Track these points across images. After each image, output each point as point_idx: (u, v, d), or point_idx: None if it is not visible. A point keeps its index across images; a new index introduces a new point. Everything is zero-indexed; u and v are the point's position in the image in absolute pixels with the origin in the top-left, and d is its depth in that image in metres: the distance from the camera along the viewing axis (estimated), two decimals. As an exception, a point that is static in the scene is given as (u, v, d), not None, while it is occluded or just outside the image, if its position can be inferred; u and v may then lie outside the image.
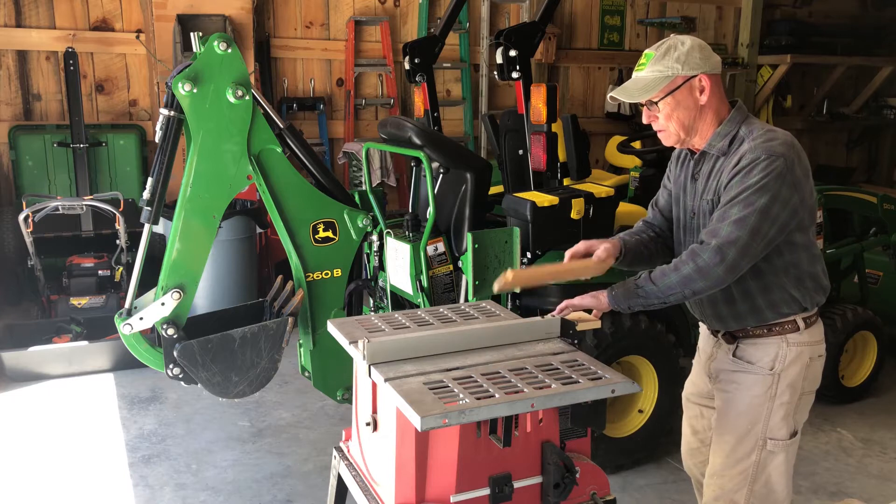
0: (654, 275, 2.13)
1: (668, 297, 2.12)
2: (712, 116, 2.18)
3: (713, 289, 2.10)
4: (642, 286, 2.14)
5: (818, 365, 2.29)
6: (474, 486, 1.87)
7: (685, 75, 2.12)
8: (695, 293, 2.11)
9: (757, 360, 2.23)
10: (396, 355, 2.00)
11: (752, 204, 2.03)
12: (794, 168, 2.06)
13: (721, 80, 2.21)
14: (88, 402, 4.23)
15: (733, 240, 2.03)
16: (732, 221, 2.04)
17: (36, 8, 5.88)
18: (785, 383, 2.21)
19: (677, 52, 2.13)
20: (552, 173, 3.66)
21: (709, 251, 2.05)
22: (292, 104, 6.55)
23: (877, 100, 9.37)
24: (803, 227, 2.16)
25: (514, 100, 4.63)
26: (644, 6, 8.15)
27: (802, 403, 2.27)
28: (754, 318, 2.22)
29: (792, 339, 2.21)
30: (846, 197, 4.42)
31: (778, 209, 2.04)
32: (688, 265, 2.08)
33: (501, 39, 3.65)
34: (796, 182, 2.07)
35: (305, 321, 2.97)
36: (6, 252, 5.51)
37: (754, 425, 2.23)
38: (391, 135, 3.43)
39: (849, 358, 4.35)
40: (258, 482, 3.44)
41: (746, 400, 2.25)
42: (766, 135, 2.10)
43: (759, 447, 2.24)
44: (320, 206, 2.95)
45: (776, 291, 2.19)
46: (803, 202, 2.11)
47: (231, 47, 2.58)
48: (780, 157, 2.04)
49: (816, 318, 2.27)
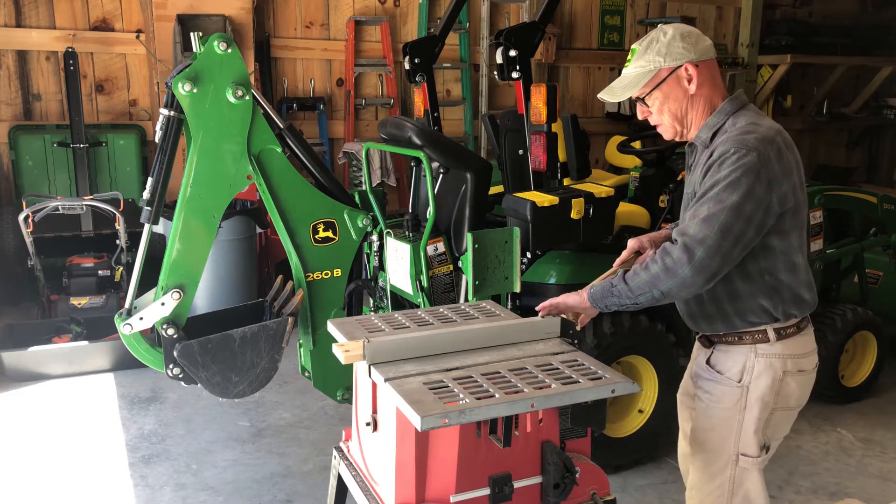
0: (628, 274, 2.03)
1: (637, 298, 2.00)
2: (704, 106, 2.09)
3: (684, 290, 1.97)
4: (616, 285, 2.03)
5: (797, 381, 2.13)
6: (474, 486, 1.87)
7: (669, 67, 2.05)
8: (664, 294, 1.98)
9: (726, 371, 2.14)
10: (396, 355, 2.00)
11: (721, 201, 1.90)
12: (769, 164, 1.93)
13: (715, 66, 2.10)
14: (88, 402, 4.23)
15: (700, 238, 1.90)
16: (701, 219, 1.92)
17: (36, 8, 5.88)
18: (754, 396, 2.10)
19: (658, 44, 2.06)
20: (552, 173, 3.66)
21: (676, 250, 1.93)
22: (292, 104, 6.55)
23: (877, 100, 9.38)
24: (782, 231, 2.02)
25: (514, 100, 4.63)
26: (644, 6, 8.15)
27: (776, 419, 2.15)
28: (724, 323, 2.13)
29: (761, 349, 2.10)
30: (846, 197, 4.41)
31: (752, 207, 1.91)
32: (656, 264, 1.96)
33: (501, 39, 3.65)
34: (772, 179, 1.94)
35: (305, 321, 2.97)
36: (6, 252, 5.50)
37: (726, 440, 2.15)
38: (391, 135, 3.43)
39: (849, 358, 4.35)
40: (258, 482, 3.44)
41: (717, 413, 2.16)
42: (746, 127, 1.99)
43: (732, 462, 2.15)
44: (320, 206, 2.95)
45: (745, 300, 2.07)
46: (782, 202, 1.97)
47: (231, 47, 2.58)
48: (753, 151, 1.92)
49: (796, 331, 2.12)
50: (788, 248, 2.04)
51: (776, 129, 2.02)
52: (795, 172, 2.02)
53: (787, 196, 1.98)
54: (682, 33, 2.07)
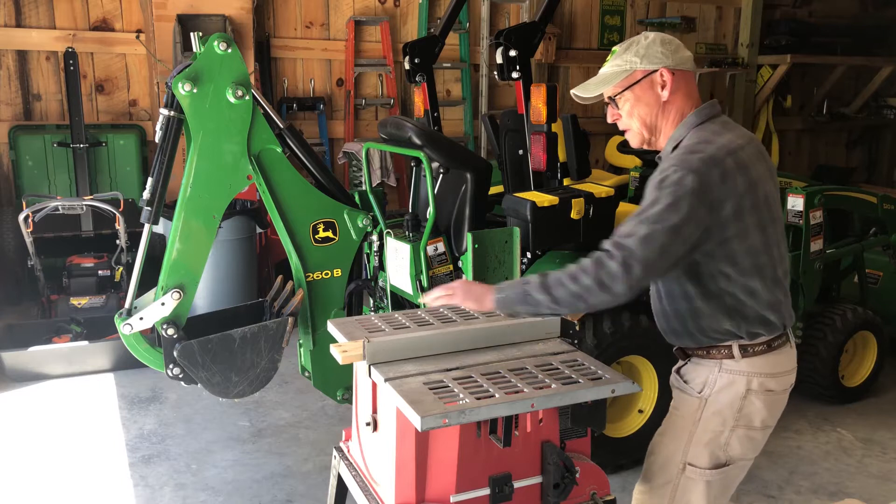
0: (549, 281, 1.92)
1: (559, 309, 1.92)
2: (675, 115, 2.03)
3: (610, 304, 1.90)
4: (532, 294, 1.93)
5: (762, 400, 2.05)
6: (474, 486, 1.87)
7: (645, 69, 2.00)
8: (589, 308, 1.92)
9: (691, 381, 2.11)
10: (396, 355, 2.00)
11: (659, 221, 1.84)
12: (710, 187, 1.85)
13: (692, 78, 2.04)
14: (88, 402, 4.23)
15: (640, 257, 1.84)
16: (641, 237, 1.85)
17: (36, 8, 5.88)
18: (711, 410, 2.05)
19: (638, 45, 2.03)
20: (552, 173, 3.66)
21: (614, 265, 1.85)
22: (292, 104, 6.55)
23: (877, 100, 9.38)
24: (731, 257, 1.93)
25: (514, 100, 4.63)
26: (644, 6, 8.15)
27: (737, 437, 2.07)
28: (690, 339, 2.08)
29: (726, 365, 2.04)
30: (846, 197, 4.42)
31: (690, 230, 1.85)
32: (588, 276, 1.87)
33: (501, 39, 3.65)
34: (714, 203, 1.86)
35: (305, 321, 2.97)
36: (6, 252, 5.51)
37: (676, 448, 2.11)
38: (391, 135, 3.43)
39: (849, 358, 4.34)
40: (258, 482, 3.44)
41: (674, 420, 2.14)
42: (695, 146, 1.92)
43: (679, 471, 2.10)
44: (320, 206, 2.95)
45: (707, 318, 2.02)
46: (721, 226, 1.88)
47: (231, 47, 2.58)
48: (693, 172, 1.85)
49: (766, 349, 2.03)
50: (742, 272, 1.95)
51: (730, 148, 1.92)
52: (748, 194, 1.91)
53: (729, 220, 1.89)
54: (664, 39, 2.04)
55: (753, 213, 1.93)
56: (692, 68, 2.05)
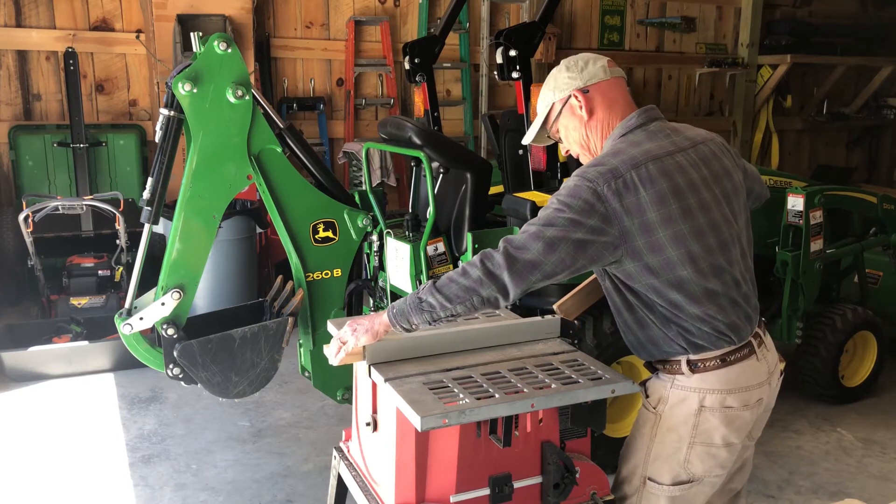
0: (439, 283, 1.91)
1: (456, 308, 1.88)
2: (602, 128, 2.07)
3: (499, 297, 1.87)
4: (425, 299, 1.90)
5: (718, 417, 1.99)
6: (474, 486, 1.87)
7: (560, 99, 2.08)
8: (483, 301, 1.88)
9: (651, 395, 2.08)
10: (396, 355, 2.00)
11: (550, 223, 1.86)
12: (603, 199, 1.85)
13: (611, 86, 2.07)
14: (88, 402, 4.23)
15: (524, 252, 1.85)
16: (530, 234, 1.87)
17: (36, 8, 5.88)
18: (665, 426, 2.03)
19: (552, 79, 2.11)
20: (552, 173, 3.66)
21: (498, 255, 1.86)
22: (292, 104, 6.55)
23: (877, 100, 9.39)
24: (655, 273, 1.90)
25: (514, 100, 4.63)
26: (644, 6, 8.15)
27: (697, 454, 2.02)
28: (643, 352, 2.08)
29: (678, 381, 2.00)
30: (846, 197, 4.41)
31: (578, 234, 1.84)
32: (476, 269, 1.87)
33: (501, 39, 3.65)
34: (609, 215, 1.85)
35: (305, 321, 2.97)
36: (6, 252, 5.51)
37: (637, 461, 2.10)
38: (391, 135, 3.43)
39: (849, 358, 4.34)
40: (258, 482, 3.44)
41: (636, 436, 2.13)
42: (602, 158, 1.95)
43: (640, 484, 2.09)
44: (320, 206, 2.95)
45: (651, 329, 2.00)
46: (626, 238, 1.87)
47: (231, 47, 2.58)
48: (590, 182, 1.86)
49: (719, 364, 1.97)
50: (667, 284, 1.91)
51: (639, 160, 1.90)
52: (661, 206, 1.87)
53: (633, 232, 1.87)
54: (568, 64, 2.09)
55: (674, 223, 1.88)
56: (606, 76, 2.07)
